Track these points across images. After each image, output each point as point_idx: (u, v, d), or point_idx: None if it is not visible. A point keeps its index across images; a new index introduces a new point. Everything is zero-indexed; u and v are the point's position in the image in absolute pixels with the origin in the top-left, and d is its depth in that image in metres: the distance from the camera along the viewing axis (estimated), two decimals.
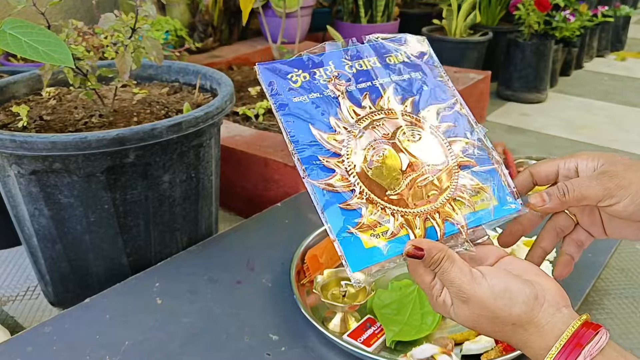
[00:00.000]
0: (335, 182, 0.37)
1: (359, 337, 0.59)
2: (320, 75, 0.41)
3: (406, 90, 0.43)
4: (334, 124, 0.39)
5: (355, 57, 0.43)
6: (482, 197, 0.40)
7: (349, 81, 0.41)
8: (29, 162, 0.68)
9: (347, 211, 0.36)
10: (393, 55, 0.44)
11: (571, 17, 1.95)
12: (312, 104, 0.40)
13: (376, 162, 0.38)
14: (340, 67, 0.42)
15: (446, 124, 0.42)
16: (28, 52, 0.63)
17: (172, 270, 0.71)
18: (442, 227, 0.38)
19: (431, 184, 0.39)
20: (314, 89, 0.40)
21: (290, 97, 0.40)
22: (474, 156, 0.42)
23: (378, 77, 0.42)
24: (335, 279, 0.66)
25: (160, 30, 1.50)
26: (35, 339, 0.59)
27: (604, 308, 0.87)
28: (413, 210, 0.38)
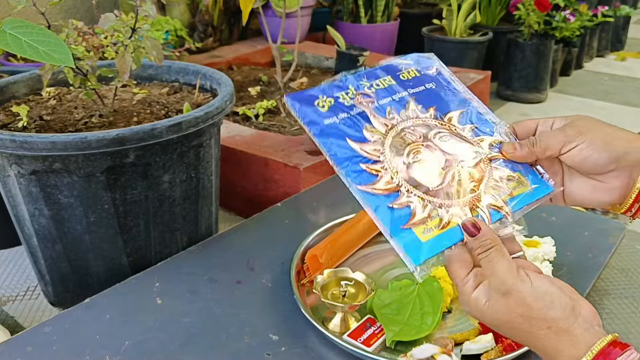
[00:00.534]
0: (381, 186, 0.40)
1: (359, 337, 0.59)
2: (343, 98, 0.44)
3: (425, 100, 0.46)
4: (368, 135, 0.42)
5: (372, 78, 0.46)
6: (516, 183, 0.43)
7: (371, 99, 0.44)
8: (29, 162, 0.68)
9: (397, 210, 0.39)
10: (405, 72, 0.47)
11: (571, 17, 1.95)
12: (343, 124, 0.43)
13: (416, 162, 0.41)
14: (360, 88, 0.45)
15: (470, 126, 0.45)
16: (28, 52, 0.63)
17: (172, 270, 0.71)
18: (489, 215, 0.40)
19: (469, 177, 0.42)
20: (341, 111, 0.43)
21: (321, 121, 0.43)
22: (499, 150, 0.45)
23: (397, 93, 0.45)
24: (335, 279, 0.66)
25: (160, 30, 1.50)
26: (35, 339, 0.60)
27: (604, 308, 0.87)
28: (459, 201, 0.40)
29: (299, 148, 1.10)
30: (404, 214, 0.39)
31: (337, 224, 0.78)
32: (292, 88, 1.52)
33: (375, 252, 0.77)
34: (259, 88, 1.46)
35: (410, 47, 2.15)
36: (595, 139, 0.39)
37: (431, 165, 0.41)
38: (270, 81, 1.58)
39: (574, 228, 0.82)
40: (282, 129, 1.25)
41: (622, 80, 2.22)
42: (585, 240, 0.78)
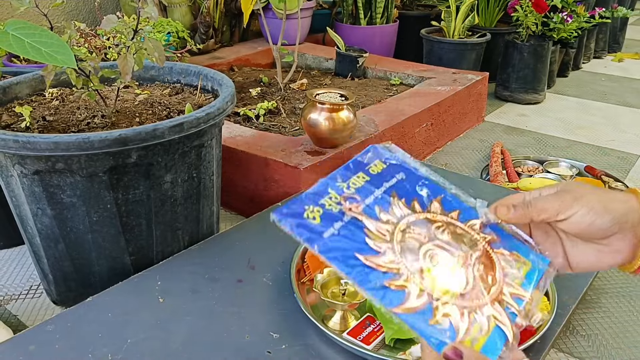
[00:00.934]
0: (413, 303, 0.37)
1: (358, 335, 0.60)
2: (329, 205, 0.40)
3: (403, 193, 0.43)
4: (373, 245, 0.39)
5: (345, 178, 0.43)
6: (520, 263, 0.40)
7: (357, 201, 0.41)
8: (32, 162, 0.68)
9: (437, 327, 0.36)
10: (372, 166, 0.45)
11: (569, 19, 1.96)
12: (341, 235, 0.39)
13: (436, 267, 0.38)
14: (339, 191, 0.42)
15: (455, 212, 0.43)
16: (31, 53, 0.64)
17: (173, 269, 0.72)
18: (516, 305, 0.38)
19: (485, 268, 0.39)
20: (334, 219, 0.40)
21: (320, 235, 0.38)
22: (489, 231, 0.42)
23: (376, 189, 0.42)
24: (335, 277, 0.67)
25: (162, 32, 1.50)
26: (38, 337, 0.60)
27: (601, 307, 0.88)
28: (488, 298, 0.38)
29: (299, 148, 1.11)
30: (445, 329, 0.36)
31: None
32: (292, 89, 1.53)
33: None
34: (260, 89, 1.47)
35: (409, 48, 2.16)
36: (593, 204, 0.38)
37: (451, 266, 0.39)
38: (270, 82, 1.59)
39: None
40: (282, 129, 1.25)
41: (619, 81, 2.23)
42: None
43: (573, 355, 0.78)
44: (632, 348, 0.79)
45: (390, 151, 0.46)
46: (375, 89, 1.60)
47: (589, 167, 1.34)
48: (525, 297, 0.38)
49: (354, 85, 1.63)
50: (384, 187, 0.43)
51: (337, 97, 1.09)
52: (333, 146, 1.11)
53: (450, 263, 0.39)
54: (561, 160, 1.37)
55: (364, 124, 1.24)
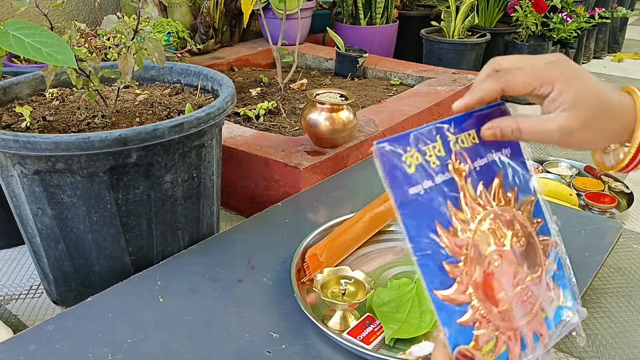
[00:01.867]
0: (454, 295, 0.34)
1: (358, 334, 0.60)
2: (430, 154, 0.36)
3: (507, 175, 0.38)
4: (456, 224, 0.35)
5: (458, 130, 0.38)
6: (555, 302, 0.38)
7: (467, 164, 0.37)
8: (32, 162, 0.68)
9: (463, 327, 0.34)
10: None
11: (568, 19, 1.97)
12: (428, 197, 0.35)
13: (492, 273, 0.35)
14: (446, 143, 0.37)
15: (537, 220, 0.39)
16: (31, 53, 0.64)
17: (174, 269, 0.72)
18: (532, 342, 0.36)
19: (533, 295, 0.37)
20: (427, 175, 0.35)
21: (407, 190, 0.35)
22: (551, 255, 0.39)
23: (483, 156, 0.38)
24: (335, 277, 0.67)
25: (162, 32, 1.51)
26: (38, 337, 0.60)
27: (600, 307, 0.88)
28: (513, 327, 0.36)
29: (299, 148, 1.11)
30: (467, 333, 0.34)
31: (337, 223, 0.79)
32: (292, 89, 1.53)
33: (375, 250, 0.78)
34: (260, 89, 1.47)
35: (409, 48, 2.16)
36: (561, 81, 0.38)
37: (504, 281, 0.35)
38: (270, 82, 1.59)
39: (571, 227, 0.82)
40: (282, 129, 1.25)
41: (619, 82, 2.23)
42: (582, 239, 0.79)
43: (573, 355, 0.78)
44: (631, 348, 0.79)
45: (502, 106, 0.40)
46: (375, 89, 1.60)
47: (588, 167, 1.34)
48: (543, 340, 0.36)
49: (354, 86, 1.63)
50: (492, 156, 0.38)
51: (337, 97, 1.09)
52: (333, 146, 1.11)
53: (505, 279, 0.35)
54: (561, 160, 1.37)
55: (364, 124, 1.24)
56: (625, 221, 1.15)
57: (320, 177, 1.06)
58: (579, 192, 1.21)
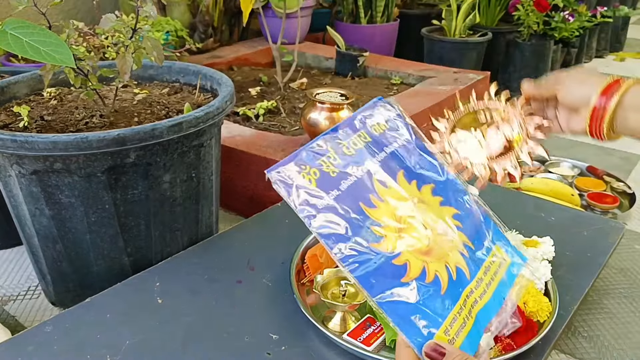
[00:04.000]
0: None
1: (358, 336, 0.59)
2: (328, 167, 0.40)
3: (398, 162, 0.42)
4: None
5: (346, 136, 0.42)
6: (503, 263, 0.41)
7: (358, 165, 0.41)
8: (30, 162, 0.68)
9: (413, 324, 0.37)
10: (376, 124, 0.44)
11: (570, 18, 1.96)
12: (340, 199, 0.39)
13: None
14: (339, 149, 0.41)
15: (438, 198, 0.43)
16: (29, 52, 0.63)
17: (172, 270, 0.71)
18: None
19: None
20: (331, 184, 0.39)
21: (317, 204, 0.39)
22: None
23: (376, 154, 0.42)
24: (335, 278, 0.66)
25: (160, 31, 1.50)
26: (36, 338, 0.60)
27: (603, 308, 0.87)
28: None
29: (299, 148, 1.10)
30: (427, 325, 0.37)
31: None
32: (292, 88, 1.53)
33: None
34: (259, 88, 1.46)
35: (410, 47, 2.16)
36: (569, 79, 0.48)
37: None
38: (270, 81, 1.58)
39: (572, 228, 0.82)
40: (282, 129, 1.25)
41: None
42: (584, 240, 0.79)
43: (575, 357, 0.78)
44: (634, 349, 0.79)
45: (394, 109, 0.45)
46: (375, 88, 1.60)
47: (591, 167, 1.34)
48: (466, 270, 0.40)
49: (354, 85, 1.62)
50: (384, 152, 0.42)
51: (337, 96, 1.09)
52: None
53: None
54: (563, 161, 1.36)
55: None
56: (627, 222, 1.15)
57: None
58: (581, 193, 1.21)
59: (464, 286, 0.39)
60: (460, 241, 0.40)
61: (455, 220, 0.41)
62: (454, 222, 0.41)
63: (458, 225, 0.41)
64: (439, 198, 0.42)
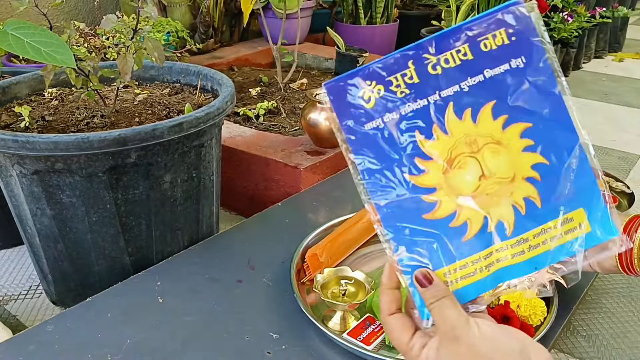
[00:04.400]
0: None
1: (358, 335, 0.59)
2: (397, 84, 0.34)
3: (508, 91, 0.34)
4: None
5: (441, 49, 0.34)
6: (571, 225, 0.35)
7: (446, 87, 0.34)
8: (31, 162, 0.68)
9: (414, 242, 0.36)
10: (490, 37, 0.34)
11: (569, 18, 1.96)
12: (387, 129, 0.34)
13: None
14: (422, 67, 0.34)
15: (526, 141, 0.35)
16: (30, 53, 0.64)
17: (173, 270, 0.72)
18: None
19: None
20: (390, 108, 0.34)
21: (362, 125, 0.34)
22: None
23: (479, 72, 0.34)
24: (335, 277, 0.67)
25: (161, 32, 1.50)
26: (37, 337, 0.60)
27: (602, 307, 0.88)
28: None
29: (299, 148, 1.11)
30: (426, 263, 0.36)
31: (337, 223, 0.78)
32: (292, 88, 1.53)
33: (375, 251, 0.78)
34: (260, 89, 1.47)
35: None
36: None
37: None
38: (270, 82, 1.58)
39: None
40: (282, 129, 1.25)
41: (620, 81, 2.22)
42: None
43: (574, 356, 0.78)
44: (632, 349, 0.79)
45: (525, 18, 0.33)
46: None
47: None
48: (510, 225, 0.35)
49: None
50: (490, 71, 0.34)
51: None
52: (333, 146, 1.11)
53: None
54: None
55: None
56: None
57: (320, 177, 1.06)
58: None
59: (497, 240, 0.35)
60: (523, 194, 0.35)
61: (534, 171, 0.35)
62: (529, 173, 0.35)
63: (534, 177, 0.35)
64: (526, 142, 0.35)
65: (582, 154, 0.35)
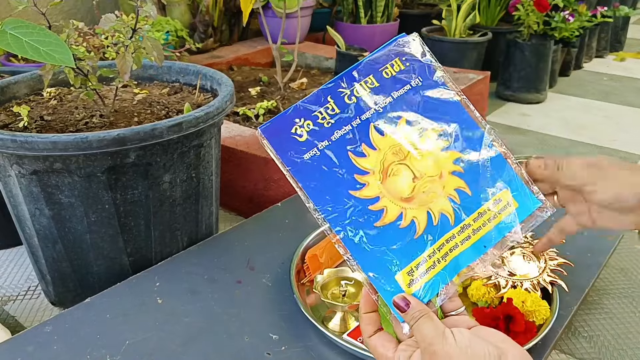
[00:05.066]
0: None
1: (358, 336, 0.59)
2: (322, 117, 0.40)
3: (406, 108, 0.41)
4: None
5: (351, 82, 0.41)
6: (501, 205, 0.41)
7: (366, 110, 0.41)
8: (30, 162, 0.68)
9: (385, 265, 0.39)
10: (389, 66, 0.42)
11: (570, 18, 1.96)
12: (324, 154, 0.39)
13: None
14: (339, 99, 0.40)
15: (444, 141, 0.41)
16: (29, 52, 0.63)
17: (172, 270, 0.71)
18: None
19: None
20: (321, 136, 0.39)
21: (301, 156, 0.39)
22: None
23: (389, 94, 0.41)
24: (335, 278, 0.66)
25: (160, 31, 1.50)
26: (36, 338, 0.60)
27: (603, 308, 0.87)
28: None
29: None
30: (386, 266, 0.39)
31: None
32: (292, 88, 1.53)
33: None
34: (259, 88, 1.46)
35: None
36: (620, 180, 0.42)
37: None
38: (270, 81, 1.58)
39: None
40: None
41: (621, 81, 2.22)
42: (585, 240, 0.79)
43: (575, 357, 0.78)
44: (634, 349, 0.79)
45: (418, 47, 0.42)
46: None
47: None
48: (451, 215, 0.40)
49: None
50: (390, 97, 0.41)
51: None
52: None
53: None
54: None
55: None
56: None
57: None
58: None
59: (445, 231, 0.39)
60: (453, 186, 0.40)
61: (456, 166, 0.41)
62: (452, 168, 0.40)
63: (458, 171, 0.41)
64: (443, 143, 0.41)
65: (490, 143, 0.41)
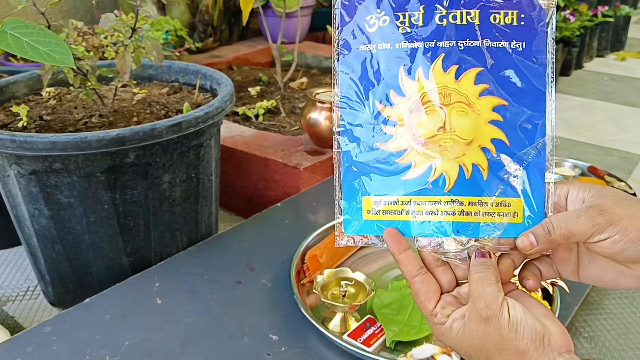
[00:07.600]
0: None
1: (359, 337, 0.59)
2: (402, 21, 0.36)
3: (486, 62, 0.36)
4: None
5: (455, 5, 0.36)
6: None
7: (448, 40, 0.36)
8: (29, 162, 0.68)
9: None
10: (502, 13, 0.36)
11: (571, 17, 1.96)
12: (376, 56, 0.36)
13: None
14: (430, 15, 0.36)
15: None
16: (29, 52, 0.63)
17: (172, 270, 0.71)
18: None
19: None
20: (387, 38, 0.36)
21: (357, 45, 0.36)
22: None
23: (478, 39, 0.36)
24: (335, 278, 0.66)
25: (160, 31, 1.50)
26: (35, 339, 0.60)
27: (604, 308, 0.87)
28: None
29: (298, 148, 1.10)
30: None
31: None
32: (292, 88, 1.52)
33: (376, 252, 0.77)
34: (259, 88, 1.46)
35: None
36: (629, 230, 0.34)
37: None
38: (270, 81, 1.58)
39: None
40: (282, 129, 1.25)
41: (622, 81, 2.22)
42: None
43: None
44: (635, 350, 0.78)
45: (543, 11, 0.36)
46: None
47: (592, 167, 1.33)
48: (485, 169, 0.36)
49: None
50: (490, 42, 0.36)
51: None
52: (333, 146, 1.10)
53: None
54: (564, 160, 1.36)
55: None
56: None
57: (320, 177, 1.05)
58: None
59: (433, 193, 0.37)
60: (473, 161, 0.36)
61: (491, 144, 0.36)
62: (486, 144, 0.36)
63: (489, 149, 0.36)
64: (496, 116, 0.36)
65: (542, 148, 0.36)
